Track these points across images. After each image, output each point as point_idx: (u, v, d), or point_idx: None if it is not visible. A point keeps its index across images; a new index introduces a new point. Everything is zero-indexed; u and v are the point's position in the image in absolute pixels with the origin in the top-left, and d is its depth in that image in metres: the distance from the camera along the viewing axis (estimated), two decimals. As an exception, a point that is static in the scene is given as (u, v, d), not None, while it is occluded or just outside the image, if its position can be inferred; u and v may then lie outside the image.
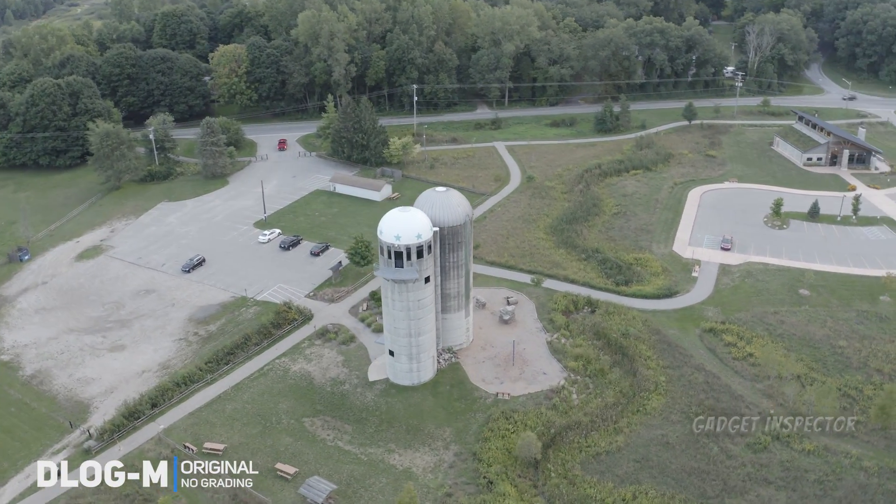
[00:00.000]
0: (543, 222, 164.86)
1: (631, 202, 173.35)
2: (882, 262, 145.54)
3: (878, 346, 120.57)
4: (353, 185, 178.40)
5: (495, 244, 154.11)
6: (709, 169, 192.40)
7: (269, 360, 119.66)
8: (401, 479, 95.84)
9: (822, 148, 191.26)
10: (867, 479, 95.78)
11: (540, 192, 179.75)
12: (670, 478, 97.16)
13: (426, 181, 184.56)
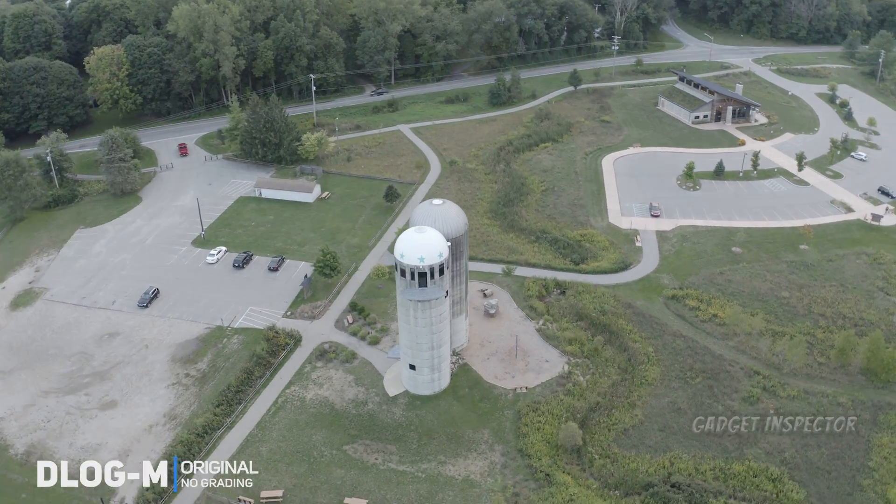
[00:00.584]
0: (481, 207, 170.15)
1: (553, 177, 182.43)
2: (790, 213, 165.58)
3: (815, 293, 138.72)
4: (281, 189, 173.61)
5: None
6: (609, 135, 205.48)
7: (278, 391, 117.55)
8: (466, 489, 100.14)
9: (708, 106, 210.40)
10: (845, 412, 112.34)
11: (465, 175, 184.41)
12: (693, 440, 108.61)
13: (349, 175, 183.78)
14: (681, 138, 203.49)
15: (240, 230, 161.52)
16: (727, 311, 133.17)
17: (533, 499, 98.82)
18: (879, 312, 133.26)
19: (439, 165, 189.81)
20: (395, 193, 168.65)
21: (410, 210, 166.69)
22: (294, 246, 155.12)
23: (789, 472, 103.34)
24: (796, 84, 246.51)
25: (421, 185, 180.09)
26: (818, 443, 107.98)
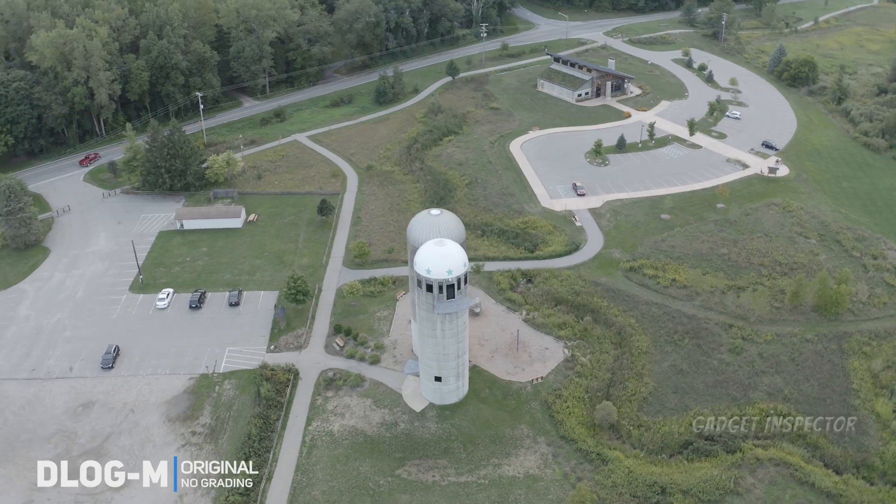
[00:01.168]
0: (414, 208, 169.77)
1: (470, 170, 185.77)
2: (697, 175, 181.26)
3: (748, 246, 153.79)
4: (205, 218, 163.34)
5: (397, 243, 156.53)
6: (504, 122, 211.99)
7: (300, 429, 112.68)
8: (531, 485, 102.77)
9: (589, 83, 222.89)
10: (814, 346, 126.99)
11: (385, 178, 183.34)
12: (705, 395, 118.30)
13: (267, 193, 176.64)
14: (570, 117, 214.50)
15: (177, 268, 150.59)
16: (684, 275, 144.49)
17: (598, 479, 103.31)
18: (806, 255, 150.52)
19: (354, 172, 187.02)
20: (329, 206, 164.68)
21: (345, 222, 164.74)
22: (244, 276, 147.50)
23: (795, 407, 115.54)
24: (651, 53, 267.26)
25: (345, 195, 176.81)
26: (805, 376, 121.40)
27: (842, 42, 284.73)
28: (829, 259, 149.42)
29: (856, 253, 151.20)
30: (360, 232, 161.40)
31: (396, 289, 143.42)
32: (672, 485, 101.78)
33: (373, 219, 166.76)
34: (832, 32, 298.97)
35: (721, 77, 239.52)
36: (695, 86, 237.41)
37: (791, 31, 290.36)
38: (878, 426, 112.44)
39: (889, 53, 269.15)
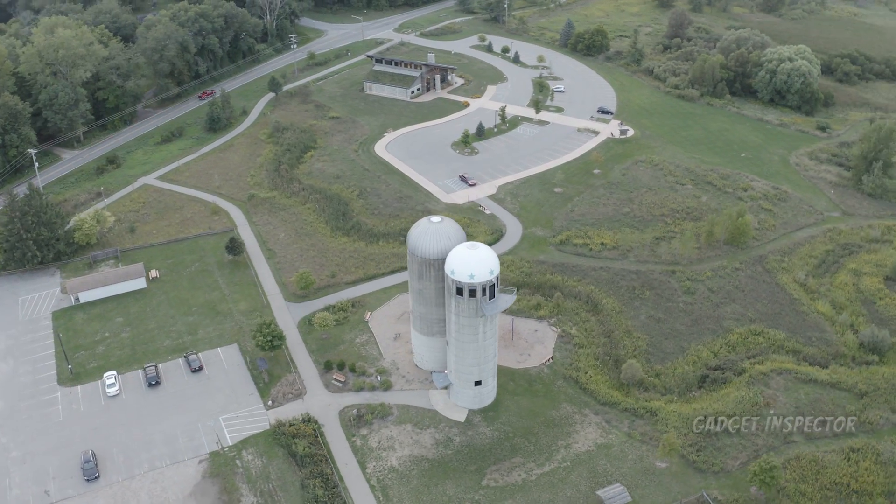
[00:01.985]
0: (324, 230, 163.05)
1: (352, 180, 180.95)
2: (562, 147, 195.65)
3: (643, 200, 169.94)
4: (103, 286, 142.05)
5: (320, 266, 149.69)
6: (353, 129, 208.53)
7: (359, 476, 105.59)
8: (608, 452, 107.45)
9: (419, 79, 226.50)
10: (744, 272, 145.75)
11: (271, 206, 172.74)
12: (690, 334, 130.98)
13: (153, 245, 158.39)
14: (414, 114, 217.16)
15: (101, 347, 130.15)
16: (609, 237, 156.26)
17: (658, 428, 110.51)
18: (692, 199, 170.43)
19: (232, 205, 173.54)
20: (239, 244, 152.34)
21: (258, 257, 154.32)
22: (187, 338, 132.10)
23: (765, 324, 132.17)
24: (447, 43, 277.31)
25: (239, 229, 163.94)
26: (754, 298, 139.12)
27: (604, 9, 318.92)
28: (710, 199, 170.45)
29: (728, 189, 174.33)
30: (281, 264, 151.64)
31: (359, 311, 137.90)
32: (718, 413, 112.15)
33: (285, 248, 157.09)
34: (591, 2, 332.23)
35: (526, 56, 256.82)
36: (507, 68, 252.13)
37: (556, 6, 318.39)
38: (827, 322, 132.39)
39: (648, 14, 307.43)
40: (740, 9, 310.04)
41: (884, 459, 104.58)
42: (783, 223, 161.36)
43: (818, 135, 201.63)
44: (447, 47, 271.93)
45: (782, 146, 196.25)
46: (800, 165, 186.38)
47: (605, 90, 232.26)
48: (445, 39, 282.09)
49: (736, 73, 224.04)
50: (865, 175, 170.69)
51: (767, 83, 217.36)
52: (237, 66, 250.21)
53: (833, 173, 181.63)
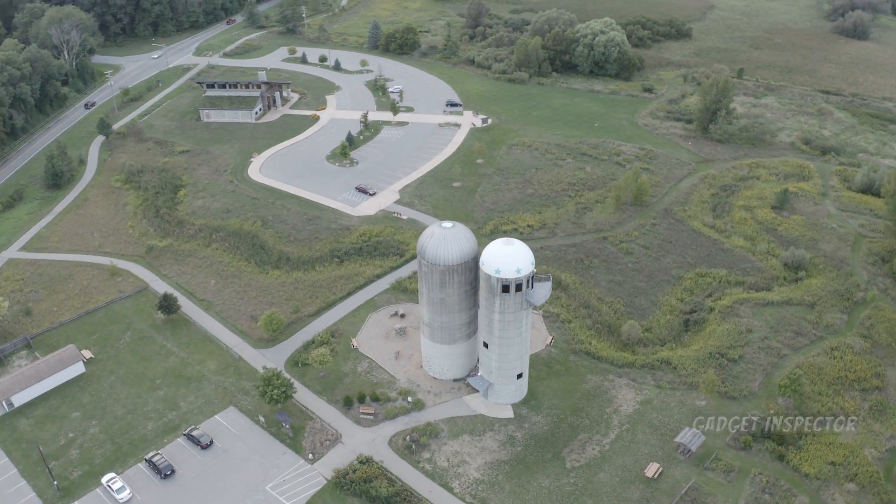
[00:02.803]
0: (246, 267, 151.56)
1: (247, 213, 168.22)
2: (434, 144, 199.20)
3: (540, 179, 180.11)
4: (38, 381, 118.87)
5: (270, 305, 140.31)
6: (213, 161, 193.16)
7: (448, 498, 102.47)
8: (655, 405, 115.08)
9: (260, 99, 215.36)
10: (662, 227, 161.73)
11: (175, 254, 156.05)
12: (654, 288, 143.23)
13: (63, 324, 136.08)
14: (268, 135, 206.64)
15: (74, 451, 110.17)
16: (531, 218, 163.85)
17: (679, 373, 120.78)
18: (579, 171, 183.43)
19: (129, 262, 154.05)
20: (173, 301, 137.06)
21: (195, 311, 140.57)
22: (172, 414, 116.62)
23: (704, 266, 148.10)
24: (255, 60, 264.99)
25: (154, 284, 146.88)
26: (683, 246, 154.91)
27: (388, 9, 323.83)
28: (594, 168, 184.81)
29: (603, 157, 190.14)
30: (225, 312, 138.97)
31: (340, 340, 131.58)
32: (721, 348, 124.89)
33: (218, 295, 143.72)
34: (373, 3, 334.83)
35: (346, 63, 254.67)
36: (333, 77, 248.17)
37: (340, 10, 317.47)
38: (749, 253, 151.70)
39: (432, 8, 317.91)
40: None
41: (857, 350, 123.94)
42: (664, 178, 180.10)
43: (647, 96, 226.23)
44: (258, 64, 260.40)
45: (623, 111, 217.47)
46: (648, 126, 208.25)
47: (438, 84, 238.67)
48: (251, 57, 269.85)
49: (556, 52, 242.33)
50: (711, 124, 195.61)
51: (587, 57, 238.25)
52: (45, 115, 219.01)
53: (678, 128, 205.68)
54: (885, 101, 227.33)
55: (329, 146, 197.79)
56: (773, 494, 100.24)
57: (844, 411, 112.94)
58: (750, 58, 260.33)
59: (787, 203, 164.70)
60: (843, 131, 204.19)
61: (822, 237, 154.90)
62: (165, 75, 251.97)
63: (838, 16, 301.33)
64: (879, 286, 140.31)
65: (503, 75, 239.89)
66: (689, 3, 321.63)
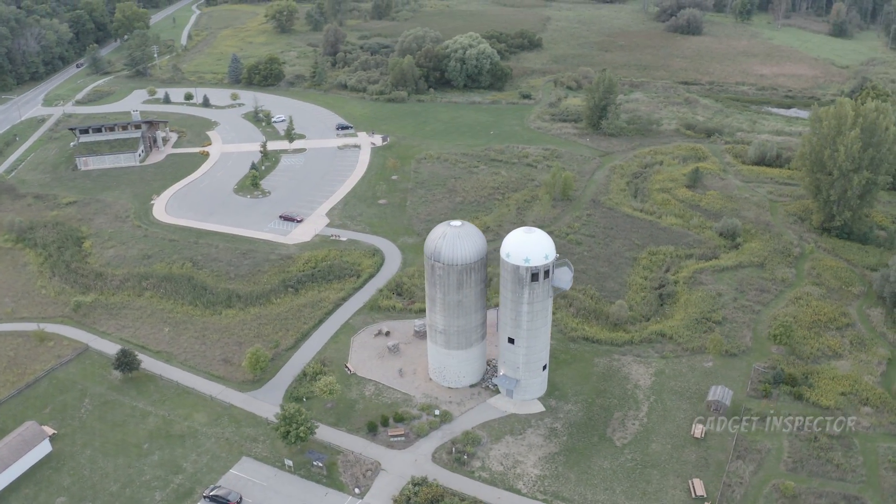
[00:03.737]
0: (188, 313, 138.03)
1: (166, 256, 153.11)
2: (339, 166, 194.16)
3: (463, 186, 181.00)
4: (6, 468, 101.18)
5: (239, 346, 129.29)
6: (105, 208, 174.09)
7: (521, 500, 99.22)
8: (669, 375, 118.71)
9: (140, 140, 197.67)
10: (597, 215, 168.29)
11: (104, 308, 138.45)
12: (615, 274, 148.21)
13: (3, 403, 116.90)
14: (158, 176, 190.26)
15: None
16: (478, 222, 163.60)
17: (678, 342, 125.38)
18: (497, 176, 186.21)
19: (55, 324, 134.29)
20: (131, 357, 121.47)
21: (156, 366, 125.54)
22: (178, 478, 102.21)
23: (651, 245, 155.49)
24: (113, 105, 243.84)
25: (95, 343, 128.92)
26: (627, 229, 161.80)
27: (233, 44, 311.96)
28: (508, 172, 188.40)
29: (513, 160, 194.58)
30: (192, 360, 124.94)
31: (334, 368, 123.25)
32: (703, 313, 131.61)
33: (176, 345, 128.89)
34: (215, 40, 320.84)
35: (215, 99, 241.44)
36: (206, 112, 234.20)
37: (184, 50, 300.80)
38: (684, 228, 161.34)
39: (280, 40, 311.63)
40: (354, 21, 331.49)
41: (817, 297, 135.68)
42: (577, 173, 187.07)
43: (528, 103, 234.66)
44: (117, 108, 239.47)
45: (511, 118, 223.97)
46: (541, 129, 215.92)
47: (319, 111, 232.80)
48: (106, 103, 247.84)
49: (429, 69, 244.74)
50: (603, 120, 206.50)
51: (460, 71, 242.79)
52: None
53: (569, 127, 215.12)
54: (740, 86, 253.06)
55: (232, 179, 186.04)
56: (810, 429, 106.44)
57: (831, 348, 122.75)
58: (603, 60, 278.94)
59: (699, 181, 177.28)
60: (715, 115, 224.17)
61: (741, 207, 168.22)
62: (20, 128, 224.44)
63: (668, 16, 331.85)
64: (808, 241, 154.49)
65: (381, 96, 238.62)
66: (528, 17, 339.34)
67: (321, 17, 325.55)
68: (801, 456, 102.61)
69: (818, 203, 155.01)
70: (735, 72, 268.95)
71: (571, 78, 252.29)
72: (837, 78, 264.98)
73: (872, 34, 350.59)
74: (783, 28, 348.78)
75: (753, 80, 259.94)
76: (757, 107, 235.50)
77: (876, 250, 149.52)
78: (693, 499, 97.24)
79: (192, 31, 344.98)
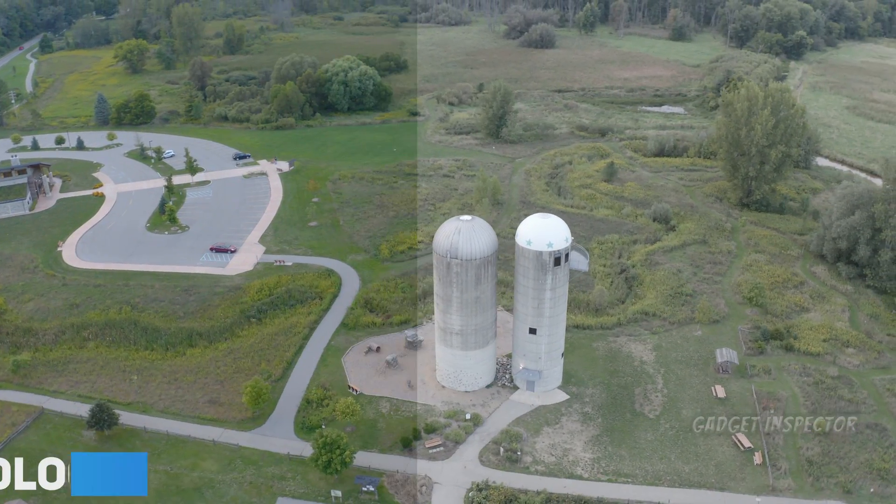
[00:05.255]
0: (148, 359, 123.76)
1: (96, 304, 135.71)
2: (249, 196, 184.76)
3: (391, 201, 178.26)
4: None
5: (222, 384, 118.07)
6: (4, 262, 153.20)
7: (586, 485, 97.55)
8: (667, 347, 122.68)
9: (26, 186, 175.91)
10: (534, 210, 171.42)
11: (48, 366, 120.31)
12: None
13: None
14: (54, 224, 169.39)
15: None
16: (418, 234, 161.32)
17: (663, 316, 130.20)
18: (414, 188, 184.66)
19: (9, 392, 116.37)
20: (107, 412, 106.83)
21: (132, 418, 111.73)
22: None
23: (597, 235, 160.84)
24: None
25: (50, 404, 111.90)
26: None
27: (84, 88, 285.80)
28: (431, 184, 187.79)
29: (429, 173, 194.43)
30: (173, 406, 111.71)
31: (340, 398, 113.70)
32: (674, 288, 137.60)
33: (147, 392, 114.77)
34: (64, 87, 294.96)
35: (89, 141, 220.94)
36: (84, 155, 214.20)
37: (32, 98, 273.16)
38: (619, 218, 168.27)
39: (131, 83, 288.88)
40: (207, 56, 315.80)
41: (765, 262, 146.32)
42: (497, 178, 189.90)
43: (418, 119, 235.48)
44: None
45: (408, 134, 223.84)
46: (442, 142, 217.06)
47: (207, 144, 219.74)
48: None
49: (312, 94, 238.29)
50: (504, 128, 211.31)
51: (344, 94, 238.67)
52: None
53: (469, 138, 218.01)
54: (610, 90, 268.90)
55: (140, 218, 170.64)
56: (812, 374, 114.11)
57: (798, 304, 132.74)
58: (472, 76, 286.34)
59: (615, 175, 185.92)
60: (598, 117, 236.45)
61: (661, 194, 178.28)
62: None
63: (518, 33, 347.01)
64: (734, 217, 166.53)
65: (268, 124, 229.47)
66: (382, 43, 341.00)
67: (173, 54, 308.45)
68: (815, 398, 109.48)
69: (735, 181, 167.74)
70: (600, 77, 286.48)
71: (452, 94, 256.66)
72: (693, 76, 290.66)
73: (709, 35, 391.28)
74: (626, 37, 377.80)
75: (620, 83, 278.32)
76: (632, 107, 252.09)
77: (795, 218, 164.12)
78: (743, 451, 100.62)
79: (35, 78, 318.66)
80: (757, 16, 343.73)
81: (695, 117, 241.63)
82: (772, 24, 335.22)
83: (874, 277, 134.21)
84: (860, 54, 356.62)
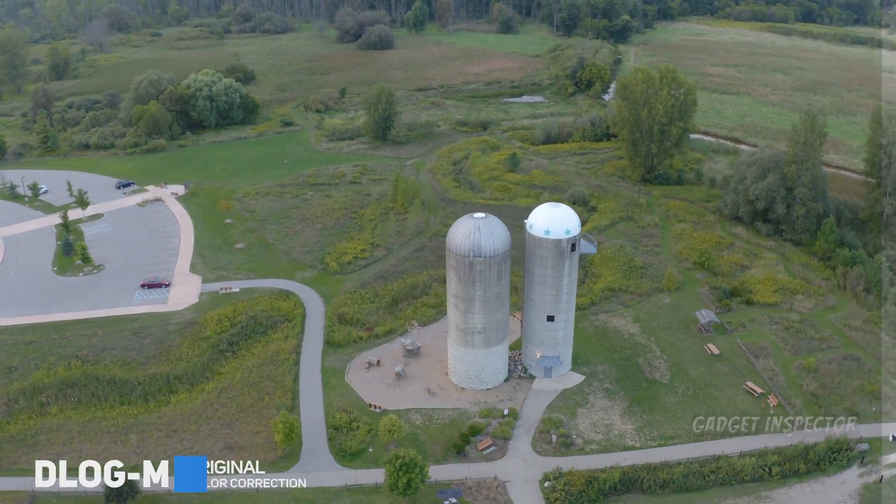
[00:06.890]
0: (111, 416, 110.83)
1: (31, 362, 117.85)
2: (154, 223, 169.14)
3: (313, 212, 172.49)
4: None
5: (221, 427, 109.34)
6: None
7: (652, 453, 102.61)
8: (647, 319, 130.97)
9: None
10: (464, 212, 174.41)
11: (15, 443, 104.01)
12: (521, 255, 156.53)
13: None
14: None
15: None
16: (361, 242, 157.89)
17: (630, 290, 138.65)
18: (327, 198, 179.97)
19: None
20: (130, 484, 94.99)
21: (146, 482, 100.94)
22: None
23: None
24: None
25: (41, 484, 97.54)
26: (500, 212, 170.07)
27: None
28: (341, 192, 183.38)
29: (334, 182, 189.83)
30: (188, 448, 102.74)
31: (360, 412, 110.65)
32: (627, 264, 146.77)
33: (148, 450, 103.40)
34: None
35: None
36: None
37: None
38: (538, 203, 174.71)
39: None
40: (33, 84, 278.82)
41: (690, 230, 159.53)
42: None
43: (293, 129, 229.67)
44: None
45: (292, 145, 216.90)
46: (331, 149, 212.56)
47: (77, 175, 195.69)
48: None
49: (177, 112, 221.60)
50: (392, 130, 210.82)
51: (211, 109, 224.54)
52: None
53: (356, 143, 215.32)
54: (468, 85, 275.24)
55: (41, 262, 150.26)
56: (779, 322, 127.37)
57: (738, 263, 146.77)
58: (326, 81, 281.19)
59: (518, 164, 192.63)
60: (469, 112, 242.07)
61: (569, 179, 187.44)
62: None
63: (354, 37, 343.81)
64: (645, 192, 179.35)
65: (137, 148, 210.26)
66: (212, 56, 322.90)
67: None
68: (791, 342, 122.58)
69: (637, 159, 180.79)
70: (452, 74, 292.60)
71: (317, 101, 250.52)
72: (538, 65, 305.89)
73: (533, 26, 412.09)
74: (456, 33, 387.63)
75: (474, 78, 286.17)
76: (494, 100, 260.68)
77: (695, 188, 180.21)
78: (757, 397, 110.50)
79: None
80: (581, 4, 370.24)
81: (557, 104, 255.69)
82: (597, 11, 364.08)
83: (791, 231, 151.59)
84: (677, 33, 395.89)
